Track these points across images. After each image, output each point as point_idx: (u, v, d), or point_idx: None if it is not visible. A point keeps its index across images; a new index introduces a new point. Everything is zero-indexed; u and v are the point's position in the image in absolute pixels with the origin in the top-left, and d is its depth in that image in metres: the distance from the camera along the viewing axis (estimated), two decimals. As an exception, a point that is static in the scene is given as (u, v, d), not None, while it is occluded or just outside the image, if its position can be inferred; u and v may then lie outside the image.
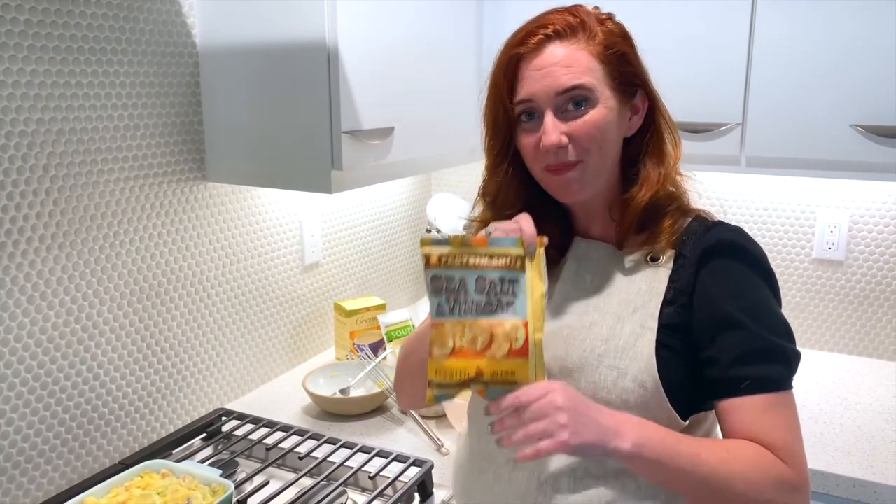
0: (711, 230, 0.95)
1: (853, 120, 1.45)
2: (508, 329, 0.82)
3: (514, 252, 0.84)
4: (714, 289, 0.91)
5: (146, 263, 1.35)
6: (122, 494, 1.04)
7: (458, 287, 0.83)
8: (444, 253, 0.84)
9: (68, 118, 1.19)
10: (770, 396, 0.88)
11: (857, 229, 1.81)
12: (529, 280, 0.84)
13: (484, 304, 0.83)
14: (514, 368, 0.82)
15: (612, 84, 0.92)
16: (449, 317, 0.84)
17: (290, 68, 1.29)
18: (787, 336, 0.92)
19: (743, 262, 0.93)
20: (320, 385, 1.59)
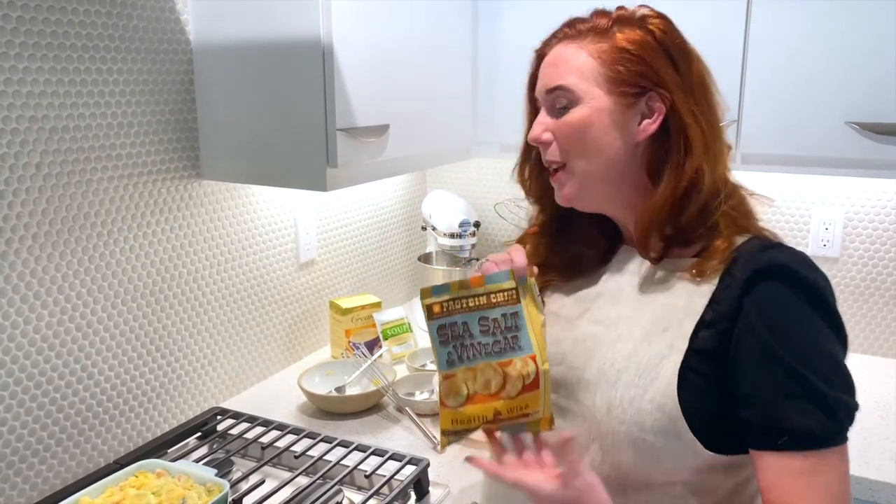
0: (768, 251, 0.85)
1: (848, 117, 1.45)
2: (520, 367, 0.82)
3: (508, 286, 0.83)
4: (758, 317, 0.81)
5: (140, 262, 1.35)
6: (116, 494, 1.03)
7: (462, 332, 0.83)
8: (445, 300, 0.83)
9: (61, 116, 1.18)
10: (810, 456, 0.78)
11: (851, 226, 1.81)
12: (527, 311, 0.83)
13: (491, 344, 0.83)
14: (527, 402, 0.83)
15: (608, 84, 0.88)
16: (459, 365, 0.83)
17: (284, 65, 1.29)
18: (840, 384, 0.80)
19: (797, 291, 0.82)
20: (316, 383, 1.59)
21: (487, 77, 1.80)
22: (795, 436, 0.78)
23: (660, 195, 0.87)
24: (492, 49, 1.78)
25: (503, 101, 1.79)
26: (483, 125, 1.82)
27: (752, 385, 0.81)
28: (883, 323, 1.81)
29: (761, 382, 0.81)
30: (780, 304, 0.82)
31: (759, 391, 0.81)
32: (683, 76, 0.88)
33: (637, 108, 0.88)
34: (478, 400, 0.83)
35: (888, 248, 1.78)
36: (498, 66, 1.78)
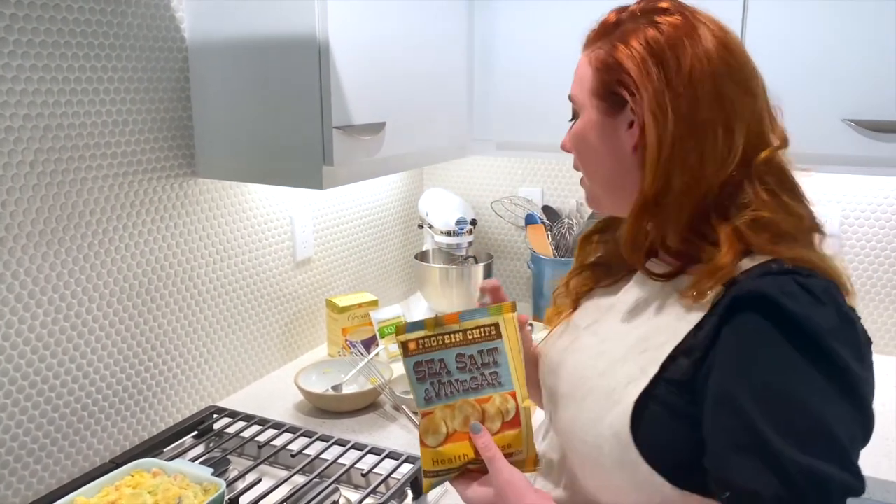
0: (767, 277, 0.74)
1: (845, 114, 1.45)
2: (499, 403, 0.81)
3: (486, 322, 0.83)
4: (727, 351, 0.72)
5: (136, 260, 1.34)
6: (112, 493, 1.03)
7: (439, 369, 0.82)
8: (420, 336, 0.82)
9: (55, 114, 1.18)
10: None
11: (848, 224, 1.81)
12: (508, 348, 0.82)
13: (469, 380, 0.82)
14: (509, 441, 0.81)
15: (596, 93, 0.86)
16: (437, 402, 0.82)
17: (280, 63, 1.28)
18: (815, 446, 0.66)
19: (780, 327, 0.69)
20: (312, 382, 1.59)
21: (484, 75, 1.79)
22: (738, 495, 0.68)
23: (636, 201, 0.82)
24: (488, 47, 1.78)
25: (499, 99, 1.79)
26: (479, 123, 1.82)
27: (708, 427, 0.72)
28: (879, 321, 1.82)
29: (715, 427, 0.72)
30: (755, 341, 0.71)
31: (712, 436, 0.72)
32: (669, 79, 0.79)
33: (623, 116, 0.84)
34: (457, 438, 0.81)
35: (884, 246, 1.78)
36: (494, 63, 1.78)
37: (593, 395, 0.82)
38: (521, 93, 1.76)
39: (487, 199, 2.24)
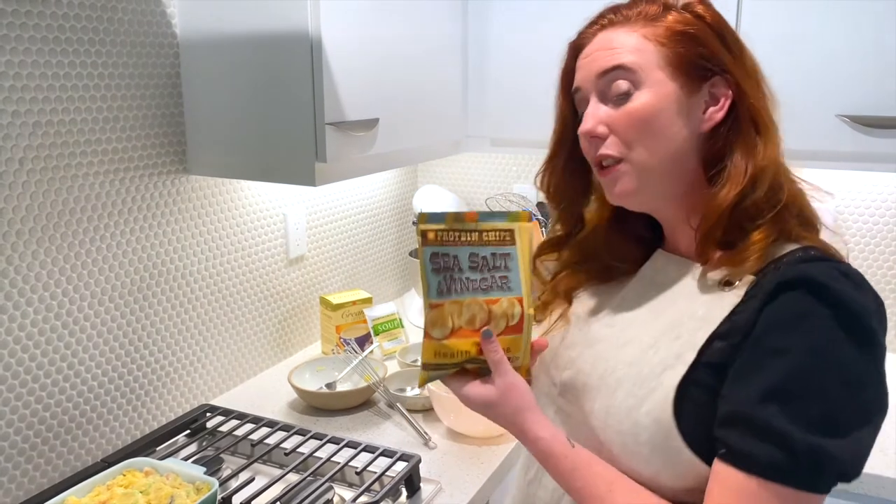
0: (808, 262, 0.75)
1: (839, 110, 1.45)
2: (505, 307, 0.82)
3: (502, 226, 0.83)
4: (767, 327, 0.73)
5: (127, 258, 1.33)
6: (104, 493, 1.02)
7: (452, 265, 0.82)
8: (440, 229, 0.82)
9: (45, 110, 1.16)
10: (747, 480, 0.70)
11: (842, 219, 1.81)
12: (521, 254, 0.83)
13: (479, 280, 0.82)
14: (509, 345, 0.83)
15: (670, 67, 0.81)
16: (447, 297, 0.82)
17: (272, 59, 1.27)
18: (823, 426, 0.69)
19: (823, 303, 0.71)
20: (306, 380, 1.58)
21: (478, 71, 1.79)
22: (735, 453, 0.72)
23: (729, 188, 0.79)
24: (482, 42, 1.77)
25: (494, 95, 1.78)
26: (473, 119, 1.82)
27: (727, 388, 0.75)
28: (873, 316, 1.82)
29: (734, 390, 0.74)
30: (799, 315, 0.72)
31: (728, 397, 0.75)
32: (738, 62, 0.83)
33: (701, 94, 0.82)
34: (462, 335, 0.82)
35: (878, 241, 1.79)
36: (488, 59, 1.77)
37: (625, 384, 0.82)
38: (515, 89, 1.76)
39: (482, 196, 2.23)
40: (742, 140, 0.81)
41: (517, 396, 0.81)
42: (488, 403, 0.82)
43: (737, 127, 0.82)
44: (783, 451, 0.69)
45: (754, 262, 0.77)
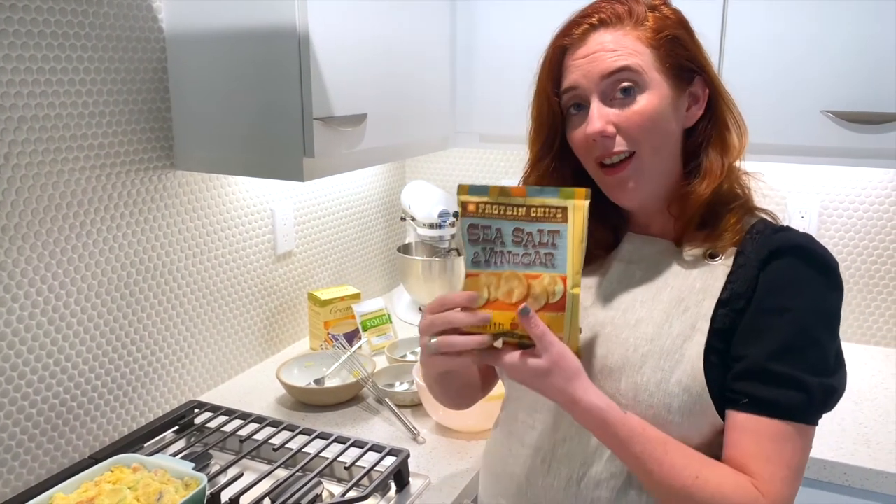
0: (780, 232, 0.89)
1: (824, 106, 1.46)
2: (546, 283, 0.80)
3: (553, 203, 0.81)
4: (766, 292, 0.85)
5: (114, 254, 1.32)
6: (91, 490, 1.02)
7: (494, 237, 0.82)
8: (481, 201, 0.82)
9: (30, 105, 1.15)
10: (774, 423, 0.82)
11: (826, 214, 1.83)
12: (571, 234, 0.81)
13: (522, 255, 0.81)
14: (549, 322, 0.81)
15: (663, 70, 0.88)
16: (485, 268, 0.82)
17: (259, 53, 1.27)
18: (823, 370, 0.84)
19: (814, 270, 0.85)
20: (294, 375, 1.58)
21: (467, 66, 1.79)
22: (758, 401, 0.82)
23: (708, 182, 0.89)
24: (471, 38, 1.77)
25: (482, 91, 1.78)
26: (462, 115, 1.82)
27: (741, 348, 0.85)
28: (857, 310, 1.84)
29: (741, 353, 0.85)
30: (793, 280, 0.85)
31: (744, 356, 0.84)
32: (708, 63, 0.91)
33: (687, 93, 0.91)
34: (496, 307, 0.81)
35: (862, 237, 1.80)
36: (477, 55, 1.77)
37: (650, 360, 0.87)
38: (504, 85, 1.76)
39: (470, 192, 2.23)
40: (717, 136, 0.92)
41: (568, 366, 0.81)
42: (540, 373, 0.81)
43: (713, 124, 0.92)
44: (801, 394, 0.82)
45: (732, 237, 0.89)
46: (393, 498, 1.19)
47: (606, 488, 0.90)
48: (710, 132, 0.92)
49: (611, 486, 0.90)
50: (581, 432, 0.91)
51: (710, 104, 0.92)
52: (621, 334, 0.90)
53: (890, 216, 1.77)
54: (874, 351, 1.81)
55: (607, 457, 0.90)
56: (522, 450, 0.97)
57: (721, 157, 0.91)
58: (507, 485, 0.99)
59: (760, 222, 0.91)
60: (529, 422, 0.97)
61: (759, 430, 0.82)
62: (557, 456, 0.93)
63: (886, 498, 1.28)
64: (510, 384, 1.03)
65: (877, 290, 1.81)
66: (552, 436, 0.94)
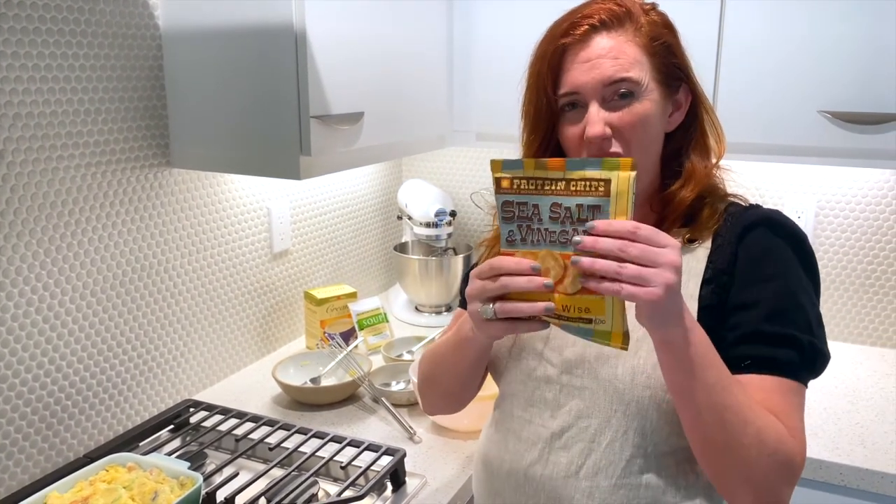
0: (750, 209, 0.94)
1: (821, 106, 1.46)
2: None
3: (595, 175, 0.75)
4: (748, 260, 0.90)
5: (109, 252, 1.32)
6: (86, 489, 1.01)
7: (531, 214, 0.77)
8: (516, 176, 0.78)
9: (25, 102, 1.15)
10: (777, 379, 0.86)
11: (823, 214, 1.83)
12: (613, 207, 0.75)
13: (559, 232, 0.76)
14: (588, 305, 0.76)
15: (657, 77, 0.91)
16: (521, 246, 0.78)
17: (256, 51, 1.26)
18: (809, 330, 0.88)
19: (783, 237, 0.91)
20: (290, 374, 1.58)
21: (464, 65, 1.78)
22: (760, 359, 0.86)
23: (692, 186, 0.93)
24: (468, 37, 1.76)
25: (479, 90, 1.78)
26: (459, 114, 1.81)
27: (728, 326, 0.88)
28: (853, 310, 1.84)
29: (735, 322, 0.88)
30: (766, 250, 0.90)
31: (731, 331, 0.88)
32: (690, 66, 0.94)
33: (670, 100, 0.94)
34: None
35: (858, 237, 1.81)
36: (474, 54, 1.77)
37: (645, 343, 0.89)
38: (501, 83, 1.75)
39: (467, 191, 2.23)
40: (698, 142, 0.96)
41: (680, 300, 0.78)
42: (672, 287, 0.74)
43: (694, 129, 0.96)
44: (794, 351, 0.86)
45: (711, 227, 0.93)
46: (389, 497, 1.19)
47: (605, 476, 0.90)
48: (691, 138, 0.96)
49: (610, 474, 0.90)
50: (578, 421, 0.92)
51: (691, 111, 0.96)
52: None
53: (886, 216, 1.77)
54: (870, 351, 1.81)
55: (606, 444, 0.91)
56: (519, 445, 0.97)
57: (704, 161, 0.96)
58: (504, 481, 0.99)
59: (732, 205, 0.96)
60: (526, 416, 0.97)
61: (766, 387, 0.86)
62: (555, 447, 0.94)
63: (882, 498, 1.29)
64: (505, 382, 1.03)
65: (872, 290, 1.81)
66: (549, 428, 0.95)
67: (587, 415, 0.93)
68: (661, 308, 0.75)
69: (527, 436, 0.97)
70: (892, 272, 1.79)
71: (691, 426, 0.84)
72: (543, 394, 0.96)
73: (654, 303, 0.73)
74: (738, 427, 0.80)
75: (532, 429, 0.97)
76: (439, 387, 1.11)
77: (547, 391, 0.96)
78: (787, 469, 0.83)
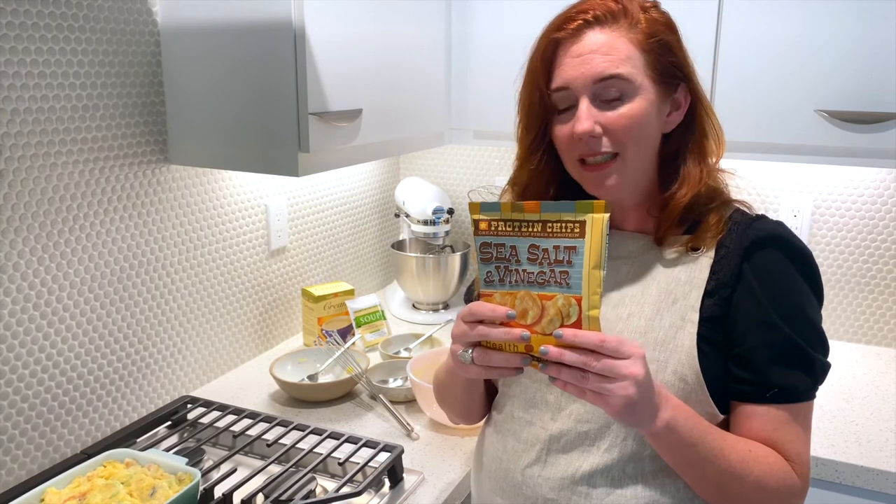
0: (756, 222, 0.92)
1: (818, 105, 1.46)
2: (560, 304, 0.77)
3: (570, 218, 0.77)
4: (757, 282, 0.89)
5: (107, 248, 1.32)
6: (84, 484, 1.01)
7: (508, 255, 0.79)
8: (493, 218, 0.79)
9: (23, 98, 1.15)
10: (792, 407, 0.89)
11: (819, 213, 1.84)
12: (587, 249, 0.76)
13: (536, 273, 0.78)
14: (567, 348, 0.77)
15: (652, 75, 0.89)
16: (499, 287, 0.80)
17: (254, 47, 1.26)
18: (819, 347, 0.91)
19: (789, 259, 0.90)
20: (288, 371, 1.58)
21: (462, 63, 1.78)
22: (784, 390, 0.88)
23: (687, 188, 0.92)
24: (466, 35, 1.77)
25: (478, 88, 1.78)
26: (457, 112, 1.81)
27: (748, 348, 0.89)
28: (849, 309, 1.85)
29: (755, 344, 0.88)
30: (778, 272, 0.89)
31: (756, 353, 0.88)
32: (693, 69, 0.93)
33: (669, 98, 0.92)
34: (512, 327, 0.78)
35: (854, 236, 1.81)
36: (472, 52, 1.77)
37: (647, 351, 0.87)
38: (499, 81, 1.75)
39: (464, 189, 2.23)
40: (696, 144, 0.94)
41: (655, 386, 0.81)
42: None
43: (691, 131, 0.94)
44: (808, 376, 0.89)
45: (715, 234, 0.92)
46: (387, 494, 1.19)
47: (603, 478, 0.91)
48: (690, 139, 0.94)
49: (607, 476, 0.91)
50: (578, 425, 0.92)
51: (690, 111, 0.94)
52: (615, 328, 0.91)
53: (882, 215, 1.78)
54: (865, 349, 1.82)
55: (604, 449, 0.91)
56: (518, 445, 0.97)
57: (699, 164, 0.94)
58: (502, 482, 0.99)
59: (737, 213, 0.95)
60: (527, 417, 0.97)
61: (779, 417, 0.88)
62: (554, 449, 0.94)
63: (877, 495, 1.29)
64: (505, 383, 1.03)
65: (868, 288, 1.82)
66: (549, 430, 0.95)
67: (587, 419, 0.92)
68: (626, 415, 0.77)
69: (526, 437, 0.97)
70: (888, 271, 1.80)
71: (692, 485, 0.89)
72: (545, 396, 0.96)
73: (615, 413, 0.76)
74: (736, 485, 0.85)
75: (532, 430, 0.97)
76: (448, 406, 1.14)
77: (548, 393, 0.96)
78: (788, 499, 0.89)
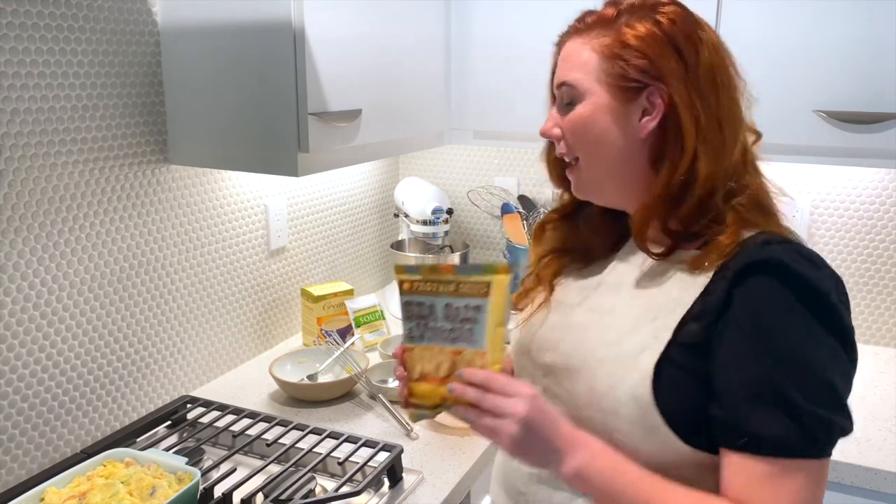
0: (770, 245, 0.81)
1: (817, 105, 1.47)
2: (468, 358, 0.83)
3: (477, 279, 0.84)
4: (743, 310, 0.78)
5: (107, 248, 1.32)
6: (84, 484, 1.02)
7: (427, 313, 0.86)
8: (415, 279, 0.86)
9: (23, 98, 1.15)
10: (775, 462, 0.76)
11: (818, 214, 1.84)
12: (491, 308, 0.83)
13: (449, 330, 0.85)
14: None
15: (607, 80, 0.86)
16: (418, 342, 0.86)
17: (254, 47, 1.26)
18: (820, 398, 0.76)
19: (790, 288, 0.77)
20: (287, 371, 1.58)
21: (461, 63, 1.79)
22: (758, 440, 0.76)
23: (655, 190, 0.86)
24: (465, 35, 1.77)
25: (477, 88, 1.79)
26: (456, 112, 1.82)
27: (724, 380, 0.79)
28: (847, 309, 1.85)
29: (733, 379, 0.78)
30: (768, 301, 0.78)
31: (730, 388, 0.78)
32: (690, 68, 0.84)
33: (638, 103, 0.86)
34: (428, 380, 0.85)
35: (852, 236, 1.82)
36: (471, 52, 1.77)
37: (606, 364, 0.86)
38: (498, 82, 1.76)
39: (463, 189, 2.24)
40: (670, 146, 0.86)
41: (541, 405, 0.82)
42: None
43: (669, 138, 0.86)
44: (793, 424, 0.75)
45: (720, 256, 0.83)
46: (386, 493, 1.19)
47: None
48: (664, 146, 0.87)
49: None
50: None
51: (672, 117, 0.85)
52: (591, 336, 0.90)
53: (881, 216, 1.78)
54: (864, 349, 1.82)
55: None
56: None
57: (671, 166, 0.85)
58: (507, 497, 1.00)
59: (762, 235, 0.84)
60: None
61: (756, 471, 0.76)
62: None
63: (876, 494, 1.30)
64: None
65: (867, 288, 1.82)
66: None
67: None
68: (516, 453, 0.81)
69: None
70: (887, 271, 1.80)
71: None
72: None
73: (505, 449, 0.81)
74: None
75: None
76: None
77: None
78: None
